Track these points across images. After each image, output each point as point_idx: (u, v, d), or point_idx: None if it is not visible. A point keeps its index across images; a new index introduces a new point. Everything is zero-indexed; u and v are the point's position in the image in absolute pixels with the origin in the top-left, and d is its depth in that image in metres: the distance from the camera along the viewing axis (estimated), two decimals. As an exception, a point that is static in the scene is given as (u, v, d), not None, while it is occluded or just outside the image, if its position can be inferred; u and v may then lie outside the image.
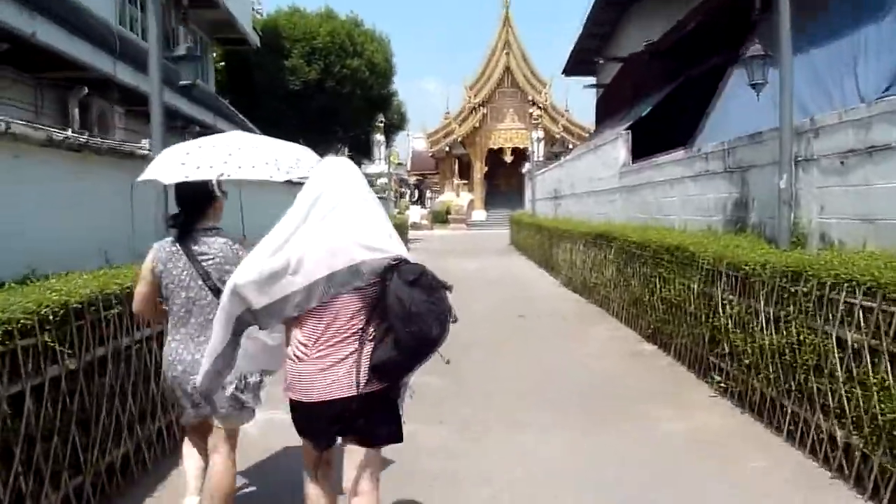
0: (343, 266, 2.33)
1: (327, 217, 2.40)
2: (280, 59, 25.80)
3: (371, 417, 2.43)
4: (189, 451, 3.20)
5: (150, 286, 3.00)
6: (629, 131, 11.69)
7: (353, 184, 2.50)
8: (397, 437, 2.51)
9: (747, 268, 5.11)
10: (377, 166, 27.64)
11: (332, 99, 26.30)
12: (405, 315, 2.24)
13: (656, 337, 7.43)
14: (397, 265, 2.33)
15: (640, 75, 17.01)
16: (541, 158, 25.41)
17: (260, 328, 2.55)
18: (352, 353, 2.36)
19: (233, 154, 2.94)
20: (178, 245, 2.95)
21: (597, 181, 13.49)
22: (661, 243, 7.27)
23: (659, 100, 13.96)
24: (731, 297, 5.42)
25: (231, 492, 2.99)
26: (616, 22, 22.15)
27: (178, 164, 2.93)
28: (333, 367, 2.35)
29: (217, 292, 2.78)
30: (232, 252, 2.95)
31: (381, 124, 27.01)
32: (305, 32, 26.06)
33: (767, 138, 6.29)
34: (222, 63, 27.05)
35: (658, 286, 7.32)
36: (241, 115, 23.32)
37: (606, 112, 21.71)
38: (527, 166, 28.59)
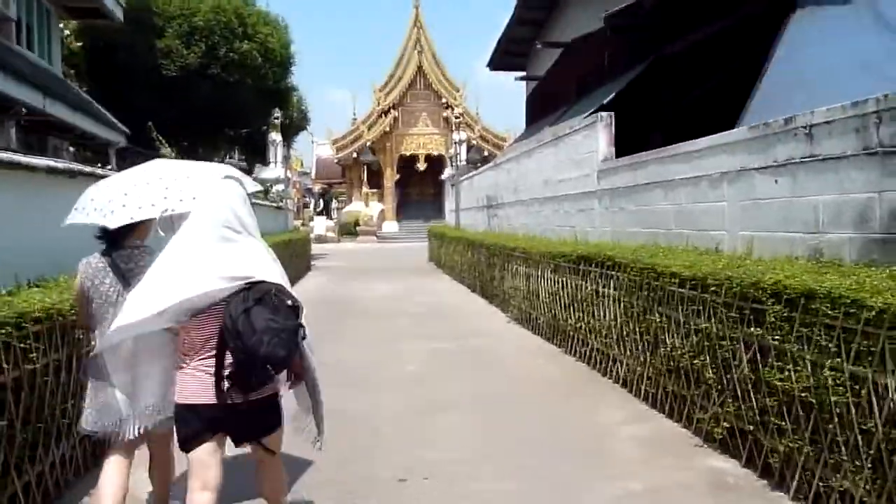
0: (197, 293, 2.50)
1: (202, 245, 2.57)
2: (152, 38, 21.26)
3: (246, 420, 2.63)
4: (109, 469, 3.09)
5: (84, 302, 3.09)
6: (611, 113, 8.48)
7: (231, 211, 2.65)
8: (274, 429, 2.77)
9: None
10: (273, 170, 23.32)
11: (218, 88, 21.90)
12: (234, 332, 2.41)
13: (749, 449, 4.15)
14: (248, 287, 2.49)
15: (593, 60, 14.08)
16: (464, 162, 22.15)
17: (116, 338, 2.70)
18: (218, 365, 2.55)
19: (169, 188, 3.01)
20: (104, 261, 3.07)
21: (557, 184, 10.26)
22: (757, 284, 4.00)
23: (628, 81, 10.99)
24: None
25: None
26: (552, 5, 19.32)
27: (119, 206, 2.96)
28: (208, 376, 2.55)
29: None
30: None
31: (278, 121, 22.86)
32: (183, 8, 21.57)
33: None
34: (80, 44, 22.31)
35: (745, 358, 4.07)
36: (98, 105, 18.76)
37: (543, 108, 18.70)
38: (448, 171, 25.32)
